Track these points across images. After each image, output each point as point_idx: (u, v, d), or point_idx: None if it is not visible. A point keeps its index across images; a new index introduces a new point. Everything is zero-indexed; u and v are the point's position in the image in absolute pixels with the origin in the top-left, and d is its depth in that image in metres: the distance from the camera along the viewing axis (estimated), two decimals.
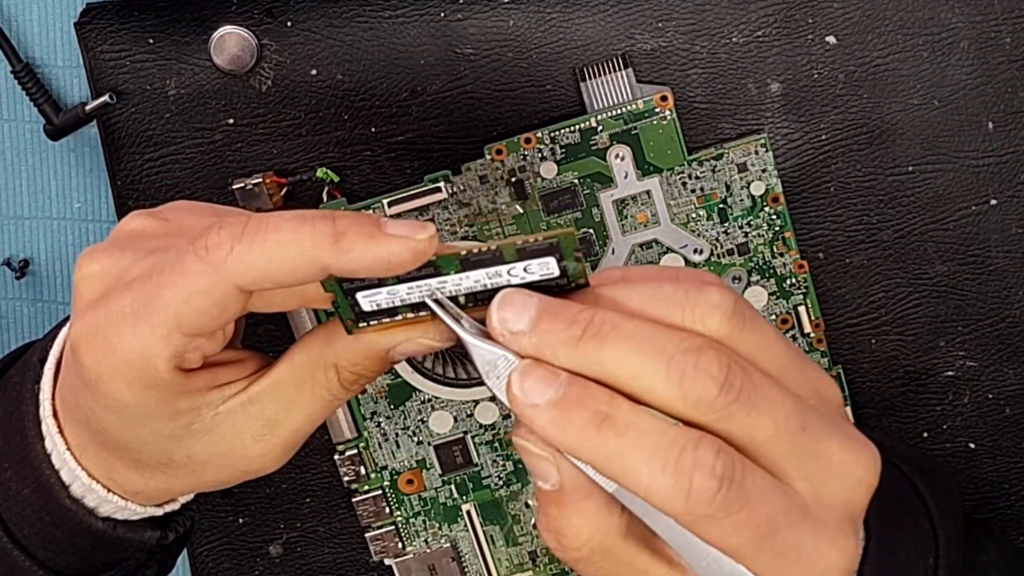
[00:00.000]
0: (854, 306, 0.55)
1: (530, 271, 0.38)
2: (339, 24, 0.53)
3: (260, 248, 0.38)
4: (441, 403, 0.55)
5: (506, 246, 0.38)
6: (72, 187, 0.57)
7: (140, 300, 0.40)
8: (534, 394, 0.36)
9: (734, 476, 0.36)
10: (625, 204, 0.54)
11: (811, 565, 0.38)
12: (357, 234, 0.38)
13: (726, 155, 0.54)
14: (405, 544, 0.57)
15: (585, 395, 0.36)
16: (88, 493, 0.45)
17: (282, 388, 0.42)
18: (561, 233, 0.37)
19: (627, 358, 0.36)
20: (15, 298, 0.58)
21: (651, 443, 0.36)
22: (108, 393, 0.41)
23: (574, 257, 0.38)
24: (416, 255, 0.38)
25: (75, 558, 0.46)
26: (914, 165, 0.54)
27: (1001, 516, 0.57)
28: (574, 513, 0.38)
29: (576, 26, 0.53)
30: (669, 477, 0.36)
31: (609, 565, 0.39)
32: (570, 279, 0.38)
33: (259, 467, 0.44)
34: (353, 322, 0.41)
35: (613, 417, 0.36)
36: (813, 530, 0.38)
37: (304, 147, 0.54)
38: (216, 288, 0.39)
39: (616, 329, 0.37)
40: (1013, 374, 0.56)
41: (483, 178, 0.54)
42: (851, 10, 0.53)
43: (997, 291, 0.55)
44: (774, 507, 0.37)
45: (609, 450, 0.36)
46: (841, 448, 0.39)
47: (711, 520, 0.36)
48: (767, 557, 0.37)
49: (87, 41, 0.53)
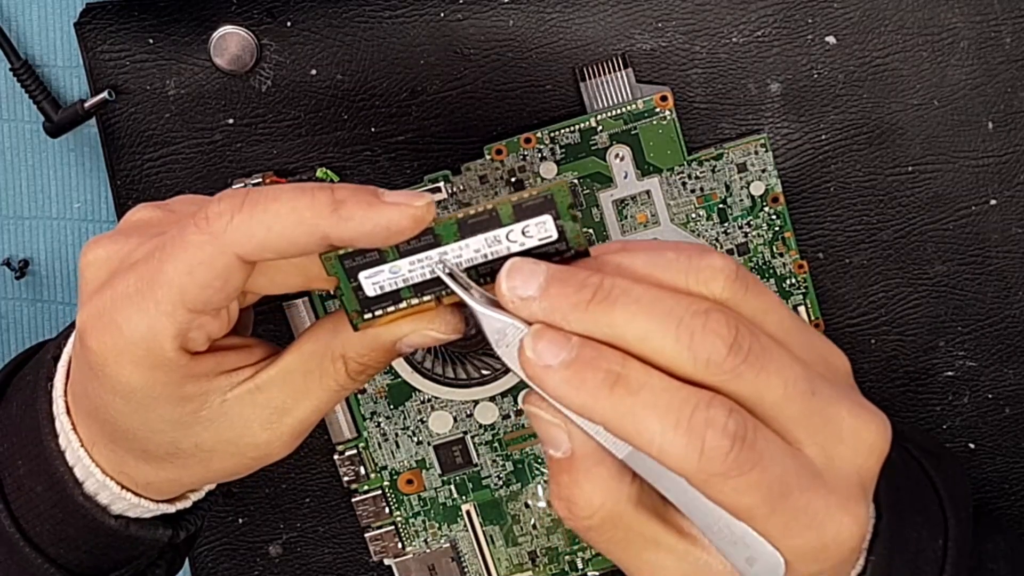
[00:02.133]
0: (854, 306, 0.55)
1: (528, 234, 0.39)
2: (339, 24, 0.53)
3: (260, 218, 0.39)
4: (441, 403, 0.55)
5: (502, 204, 0.38)
6: (72, 187, 0.57)
7: (144, 278, 0.40)
8: (547, 355, 0.37)
9: (746, 435, 0.36)
10: (625, 204, 0.54)
11: (823, 529, 0.38)
12: (356, 202, 0.39)
13: (726, 155, 0.54)
14: (405, 544, 0.57)
15: (598, 355, 0.37)
16: (101, 490, 0.45)
17: (290, 377, 0.43)
18: (554, 186, 0.38)
19: (636, 321, 0.37)
20: (15, 298, 0.58)
21: (664, 402, 0.36)
22: (115, 376, 0.41)
23: (570, 215, 0.38)
24: (415, 221, 0.38)
25: (87, 556, 0.46)
26: (914, 165, 0.54)
27: (1001, 516, 0.57)
28: (585, 480, 0.38)
29: (576, 26, 0.53)
30: (682, 435, 0.36)
31: (619, 534, 0.39)
32: (569, 244, 0.39)
33: (267, 454, 0.44)
34: (359, 314, 0.41)
35: (626, 377, 0.36)
36: (825, 494, 0.38)
37: (304, 147, 0.54)
38: (218, 259, 0.39)
39: (625, 293, 0.37)
40: (1013, 374, 0.56)
41: (483, 178, 0.54)
42: (851, 10, 0.53)
43: (997, 291, 0.55)
44: (786, 469, 0.37)
45: (622, 409, 0.36)
46: (851, 414, 0.39)
47: (723, 479, 0.36)
48: (779, 519, 0.37)
49: (87, 41, 0.53)
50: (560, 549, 0.56)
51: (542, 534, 0.56)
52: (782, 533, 0.37)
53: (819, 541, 0.38)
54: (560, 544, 0.56)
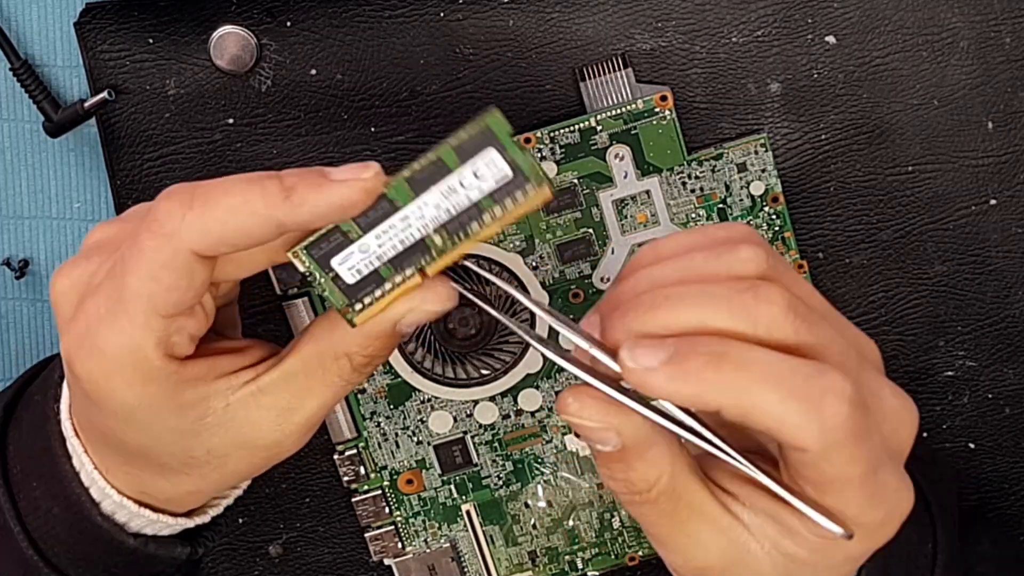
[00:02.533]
0: (854, 306, 0.55)
1: (481, 175, 0.39)
2: (339, 24, 0.53)
3: (213, 213, 0.39)
4: (441, 403, 0.55)
5: (443, 150, 0.39)
6: (72, 187, 0.57)
7: (112, 296, 0.40)
8: (647, 359, 0.36)
9: (860, 400, 0.36)
10: (625, 204, 0.54)
11: (891, 504, 0.38)
12: (306, 186, 0.39)
13: (726, 155, 0.54)
14: (405, 544, 0.57)
15: (695, 343, 0.36)
16: (119, 509, 0.45)
17: (293, 379, 0.43)
18: (486, 115, 0.38)
19: (688, 313, 0.37)
20: (15, 298, 0.58)
21: (775, 372, 0.36)
22: (110, 398, 0.41)
23: (516, 145, 0.39)
24: (366, 193, 0.39)
25: (105, 575, 0.46)
26: (914, 165, 0.54)
27: (1001, 516, 0.57)
28: (640, 462, 0.38)
29: (576, 26, 0.53)
30: (800, 402, 0.35)
31: (672, 504, 0.39)
32: (527, 176, 0.39)
33: (279, 452, 0.44)
34: (349, 308, 0.41)
35: (728, 354, 0.36)
36: (894, 469, 0.38)
37: (304, 147, 0.54)
38: (177, 259, 0.39)
39: (666, 295, 0.37)
40: (1013, 374, 0.56)
41: None
42: (851, 10, 0.53)
43: (997, 291, 0.55)
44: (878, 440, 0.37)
45: (736, 386, 0.36)
46: (893, 394, 0.39)
47: (840, 448, 0.36)
48: (868, 491, 0.37)
49: (87, 41, 0.53)
50: (560, 549, 0.56)
51: (542, 534, 0.56)
52: (864, 506, 0.37)
53: (887, 515, 0.38)
54: (560, 544, 0.56)
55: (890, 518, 0.38)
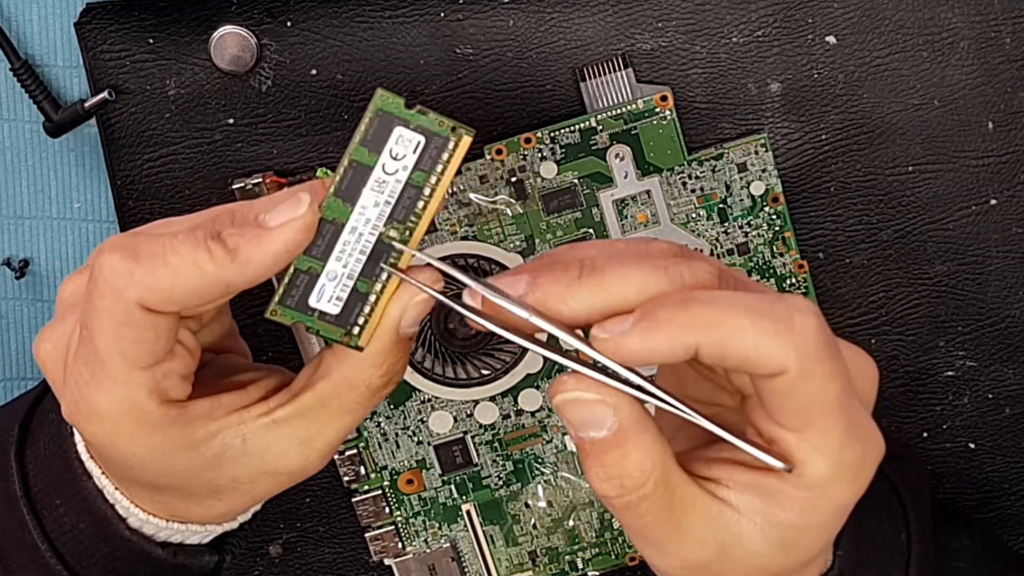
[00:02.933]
0: (854, 306, 0.55)
1: (398, 155, 0.39)
2: (339, 24, 0.53)
3: (161, 272, 0.39)
4: (441, 403, 0.55)
5: (352, 150, 0.39)
6: (72, 187, 0.57)
7: (89, 361, 0.40)
8: (618, 326, 0.37)
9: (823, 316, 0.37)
10: (625, 204, 0.54)
11: (866, 442, 0.38)
12: (247, 242, 0.39)
13: (726, 155, 0.54)
14: (405, 544, 0.57)
15: (658, 299, 0.37)
16: (145, 524, 0.45)
17: (310, 413, 0.42)
18: (376, 98, 0.39)
19: (629, 277, 0.37)
20: (15, 298, 0.58)
21: (741, 302, 0.37)
22: (122, 453, 0.41)
23: (415, 112, 0.39)
24: (308, 230, 0.39)
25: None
26: (914, 165, 0.54)
27: (1001, 516, 0.57)
28: (635, 448, 0.38)
29: (576, 26, 0.53)
30: (771, 322, 0.36)
31: (667, 499, 0.39)
32: (440, 134, 0.39)
33: (304, 474, 0.44)
34: (348, 335, 0.41)
35: (693, 297, 0.37)
36: (865, 412, 0.39)
37: (304, 147, 0.54)
38: (132, 316, 0.39)
39: (608, 260, 0.38)
40: (1013, 374, 0.56)
41: (483, 178, 0.54)
42: (851, 10, 0.53)
43: (997, 291, 0.55)
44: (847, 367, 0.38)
45: (707, 320, 0.36)
46: (847, 347, 0.40)
47: (816, 362, 0.36)
48: (844, 420, 0.37)
49: (87, 41, 0.53)
50: (560, 549, 0.56)
51: (542, 534, 0.56)
52: (841, 439, 0.37)
53: (862, 453, 0.38)
54: (560, 544, 0.56)
55: (865, 459, 0.38)
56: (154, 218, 0.54)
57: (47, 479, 0.45)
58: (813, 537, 0.39)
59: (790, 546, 0.39)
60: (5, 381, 0.59)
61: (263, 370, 0.45)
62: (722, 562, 0.39)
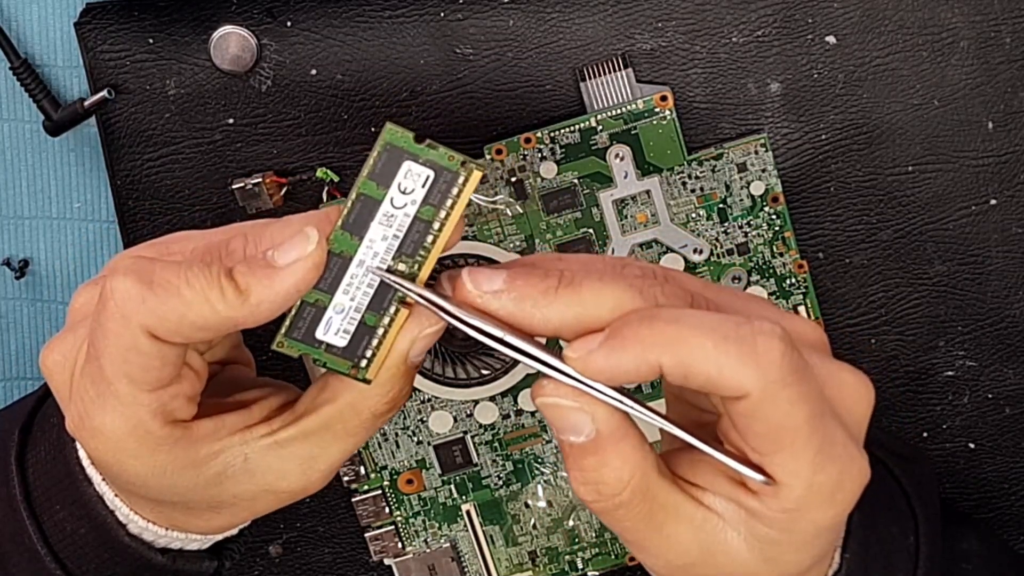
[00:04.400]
0: (854, 306, 0.55)
1: (407, 189, 0.39)
2: (339, 24, 0.53)
3: (172, 304, 0.38)
4: (441, 403, 0.55)
5: (361, 184, 0.39)
6: (72, 187, 0.57)
7: (95, 380, 0.40)
8: (588, 344, 0.37)
9: (792, 341, 0.36)
10: (625, 204, 0.54)
11: (844, 464, 0.38)
12: (258, 282, 0.39)
13: (726, 155, 0.54)
14: (405, 544, 0.57)
15: (626, 316, 0.37)
16: (145, 531, 0.45)
17: (313, 435, 0.42)
18: (385, 132, 0.38)
19: (605, 292, 0.37)
20: (15, 298, 0.58)
21: (707, 322, 0.36)
22: (124, 470, 0.41)
23: (425, 147, 0.38)
24: (316, 268, 0.39)
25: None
26: (914, 165, 0.54)
27: (1001, 516, 0.57)
28: (614, 456, 0.38)
29: (576, 26, 0.53)
30: (734, 346, 0.36)
31: (646, 507, 0.39)
32: (450, 169, 0.38)
33: (305, 493, 0.44)
34: (356, 368, 0.41)
35: (658, 314, 0.37)
36: (846, 432, 0.38)
37: (304, 147, 0.54)
38: (139, 343, 0.39)
39: (587, 275, 0.38)
40: (1013, 374, 0.56)
41: (483, 178, 0.54)
42: (851, 10, 0.53)
43: (997, 291, 0.55)
44: (819, 390, 0.37)
45: (670, 338, 0.36)
46: (840, 369, 0.39)
47: (780, 387, 0.36)
48: (816, 442, 0.37)
49: (87, 41, 0.53)
50: (560, 549, 0.56)
51: (542, 534, 0.56)
52: (813, 462, 0.37)
53: (839, 476, 0.37)
54: (560, 544, 0.56)
55: (844, 480, 0.38)
56: (154, 218, 0.54)
57: (47, 484, 0.45)
58: (795, 554, 0.39)
59: (773, 560, 0.39)
60: (5, 381, 0.59)
61: (268, 386, 0.45)
62: (707, 565, 0.39)
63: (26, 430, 0.47)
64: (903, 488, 0.48)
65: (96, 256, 0.57)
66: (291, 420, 0.42)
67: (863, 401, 0.39)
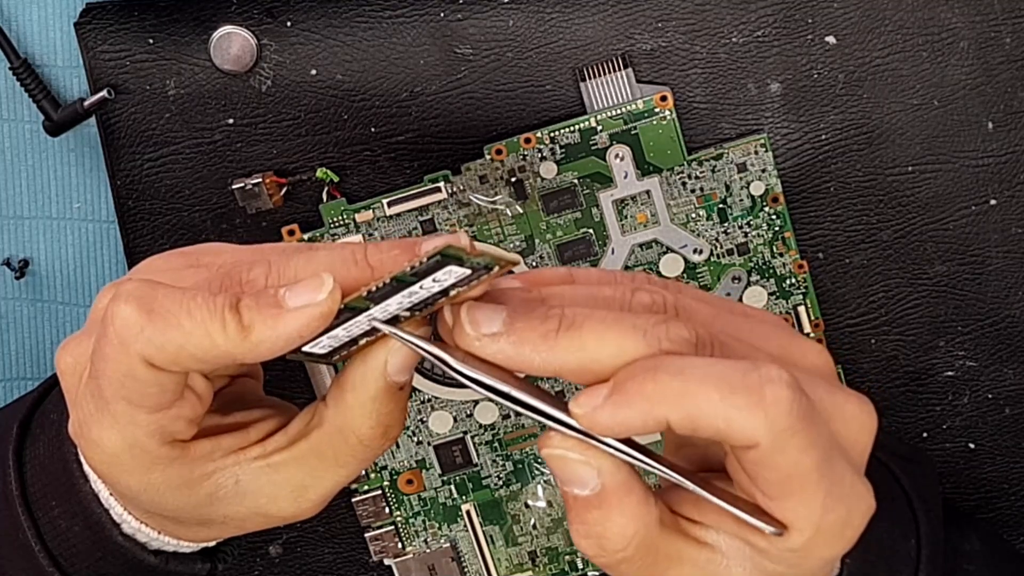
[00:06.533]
0: (854, 306, 0.55)
1: (440, 280, 0.37)
2: (339, 24, 0.53)
3: (171, 334, 0.38)
4: (441, 403, 0.55)
5: (399, 275, 0.37)
6: (72, 187, 0.57)
7: (96, 396, 0.40)
8: (592, 400, 0.36)
9: (800, 386, 0.36)
10: (625, 204, 0.54)
11: (852, 502, 0.37)
12: (262, 321, 0.38)
13: (726, 155, 0.54)
14: (405, 544, 0.57)
15: (630, 368, 0.36)
16: (138, 532, 0.45)
17: (305, 461, 0.42)
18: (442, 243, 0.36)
19: (607, 338, 0.36)
20: (15, 298, 0.58)
21: (712, 372, 0.35)
22: (117, 482, 0.41)
23: (474, 254, 0.36)
24: (324, 318, 0.38)
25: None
26: (914, 165, 0.54)
27: (1001, 516, 0.57)
28: (618, 512, 0.37)
29: (576, 26, 0.53)
30: (742, 396, 0.35)
31: (650, 559, 0.38)
32: (487, 267, 0.37)
33: (296, 519, 0.43)
34: (330, 363, 0.40)
35: (661, 365, 0.36)
36: (851, 468, 0.38)
37: (304, 147, 0.54)
38: (136, 371, 0.38)
39: (588, 317, 0.37)
40: (1013, 374, 0.56)
41: (483, 178, 0.54)
42: (851, 10, 0.53)
43: (997, 291, 0.55)
44: (828, 431, 0.37)
45: (675, 391, 0.35)
46: (847, 399, 0.39)
47: (790, 435, 0.35)
48: (824, 486, 0.36)
49: (87, 41, 0.53)
50: (560, 549, 0.56)
51: (542, 534, 0.56)
52: (823, 504, 0.36)
53: (847, 514, 0.37)
54: (560, 544, 0.56)
55: (852, 517, 0.37)
56: (154, 218, 0.54)
57: (45, 481, 0.45)
58: None
59: None
60: (5, 381, 0.59)
61: (271, 408, 0.44)
62: None
63: (25, 426, 0.47)
64: (904, 490, 0.48)
65: (96, 256, 0.57)
66: (284, 443, 0.42)
67: (867, 431, 0.39)
